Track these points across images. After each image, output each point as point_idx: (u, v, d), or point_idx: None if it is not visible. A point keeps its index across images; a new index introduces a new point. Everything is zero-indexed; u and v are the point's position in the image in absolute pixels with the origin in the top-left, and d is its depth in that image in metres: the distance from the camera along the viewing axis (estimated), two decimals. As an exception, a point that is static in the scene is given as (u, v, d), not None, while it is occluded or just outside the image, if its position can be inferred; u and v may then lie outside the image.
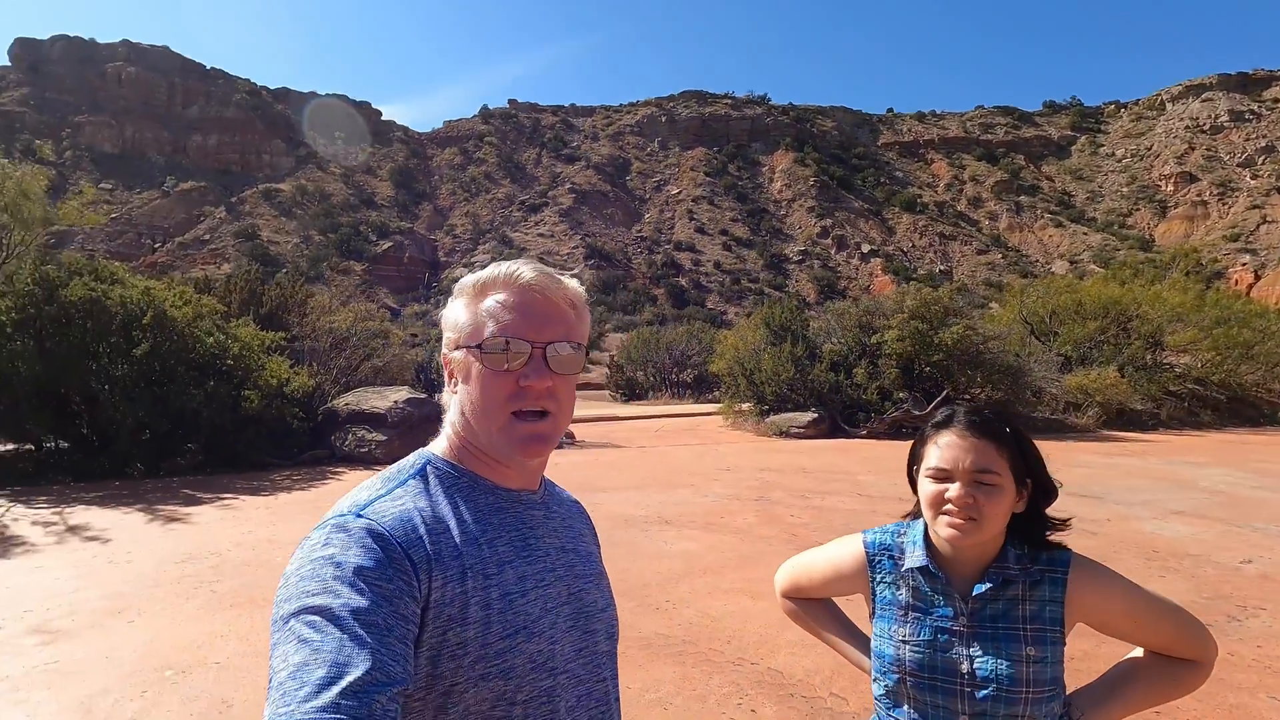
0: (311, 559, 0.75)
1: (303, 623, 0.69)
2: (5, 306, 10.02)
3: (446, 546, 0.81)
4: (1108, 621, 1.21)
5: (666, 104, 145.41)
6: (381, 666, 0.68)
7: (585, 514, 1.15)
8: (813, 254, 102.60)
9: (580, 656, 0.91)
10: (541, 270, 0.93)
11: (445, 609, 0.78)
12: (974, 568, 1.23)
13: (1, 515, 7.87)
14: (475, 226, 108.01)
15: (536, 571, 0.90)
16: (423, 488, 0.88)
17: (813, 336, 17.04)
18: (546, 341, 0.89)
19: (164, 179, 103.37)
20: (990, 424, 1.21)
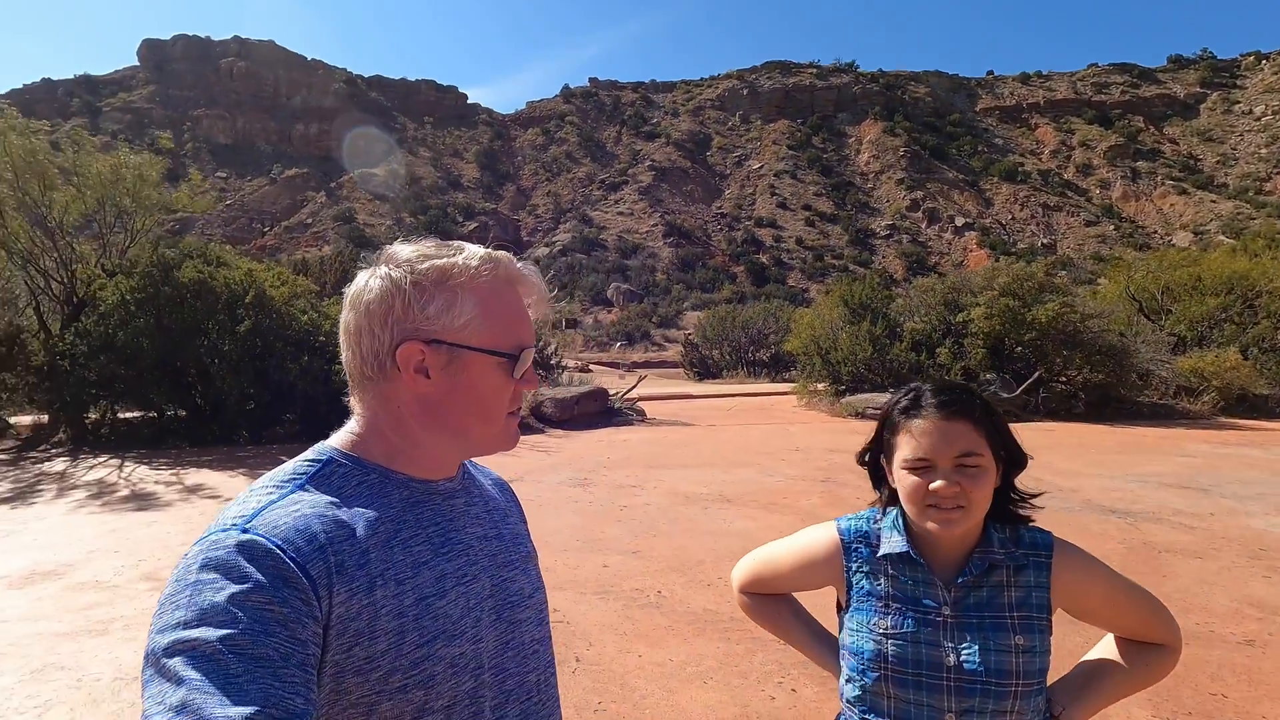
0: (189, 583, 0.66)
1: (181, 659, 0.61)
2: (130, 287, 11.06)
3: (351, 555, 0.73)
4: (1086, 606, 1.16)
5: (748, 76, 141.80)
6: (277, 702, 0.61)
7: (510, 491, 1.09)
8: (901, 228, 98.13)
9: (508, 650, 0.86)
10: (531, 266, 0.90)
11: (351, 624, 0.71)
12: (957, 553, 1.17)
13: (126, 474, 8.78)
14: (556, 206, 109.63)
15: (457, 568, 0.83)
16: (323, 489, 0.78)
17: (894, 314, 16.39)
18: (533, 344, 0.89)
19: (271, 167, 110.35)
20: (962, 402, 1.14)
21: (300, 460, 0.82)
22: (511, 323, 0.85)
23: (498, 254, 0.87)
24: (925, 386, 1.18)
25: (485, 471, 1.06)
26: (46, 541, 5.75)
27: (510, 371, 0.84)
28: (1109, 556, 4.95)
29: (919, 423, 1.13)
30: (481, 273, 0.84)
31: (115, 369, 10.87)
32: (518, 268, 0.88)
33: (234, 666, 0.61)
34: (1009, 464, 1.18)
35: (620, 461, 9.22)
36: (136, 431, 11.55)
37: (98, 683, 3.28)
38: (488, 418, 0.85)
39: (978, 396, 1.16)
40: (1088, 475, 8.05)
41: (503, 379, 0.84)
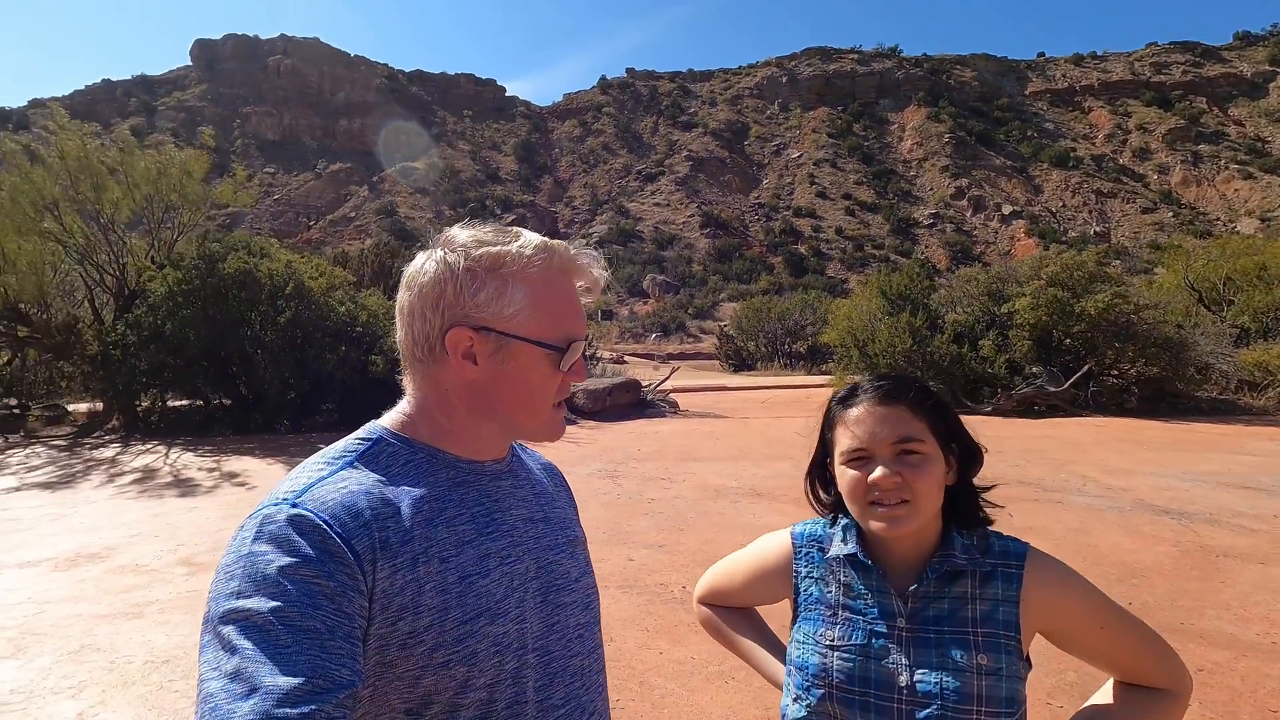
0: (243, 555, 0.69)
1: (234, 627, 0.64)
2: (177, 279, 11.41)
3: (396, 532, 0.75)
4: (1068, 630, 1.02)
5: (787, 63, 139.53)
6: (324, 673, 0.64)
7: (560, 476, 1.09)
8: (945, 217, 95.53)
9: (552, 632, 0.86)
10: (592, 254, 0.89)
11: (395, 599, 0.73)
12: (914, 558, 1.05)
13: (171, 460, 9.07)
14: (593, 197, 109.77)
15: (501, 548, 0.84)
16: (371, 467, 0.81)
17: (935, 306, 15.93)
18: (585, 335, 0.88)
19: (316, 162, 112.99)
20: (900, 388, 1.04)
21: (351, 438, 0.85)
22: (561, 314, 0.85)
23: (554, 243, 0.86)
24: (865, 380, 1.09)
25: (534, 455, 1.06)
26: (93, 524, 5.96)
27: (557, 364, 0.84)
28: (1161, 560, 4.69)
29: (854, 411, 1.04)
30: (534, 262, 0.83)
31: (164, 358, 11.24)
32: (572, 255, 0.87)
33: (283, 638, 0.64)
34: (963, 459, 1.06)
35: (651, 454, 9.16)
36: (184, 419, 11.95)
37: (130, 665, 3.36)
38: (533, 408, 0.86)
39: (918, 383, 1.06)
40: (1140, 473, 7.69)
41: (549, 370, 0.84)
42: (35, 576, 4.65)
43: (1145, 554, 4.86)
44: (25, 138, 11.66)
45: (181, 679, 3.20)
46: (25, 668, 3.33)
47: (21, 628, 3.81)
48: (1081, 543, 5.14)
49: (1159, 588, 4.20)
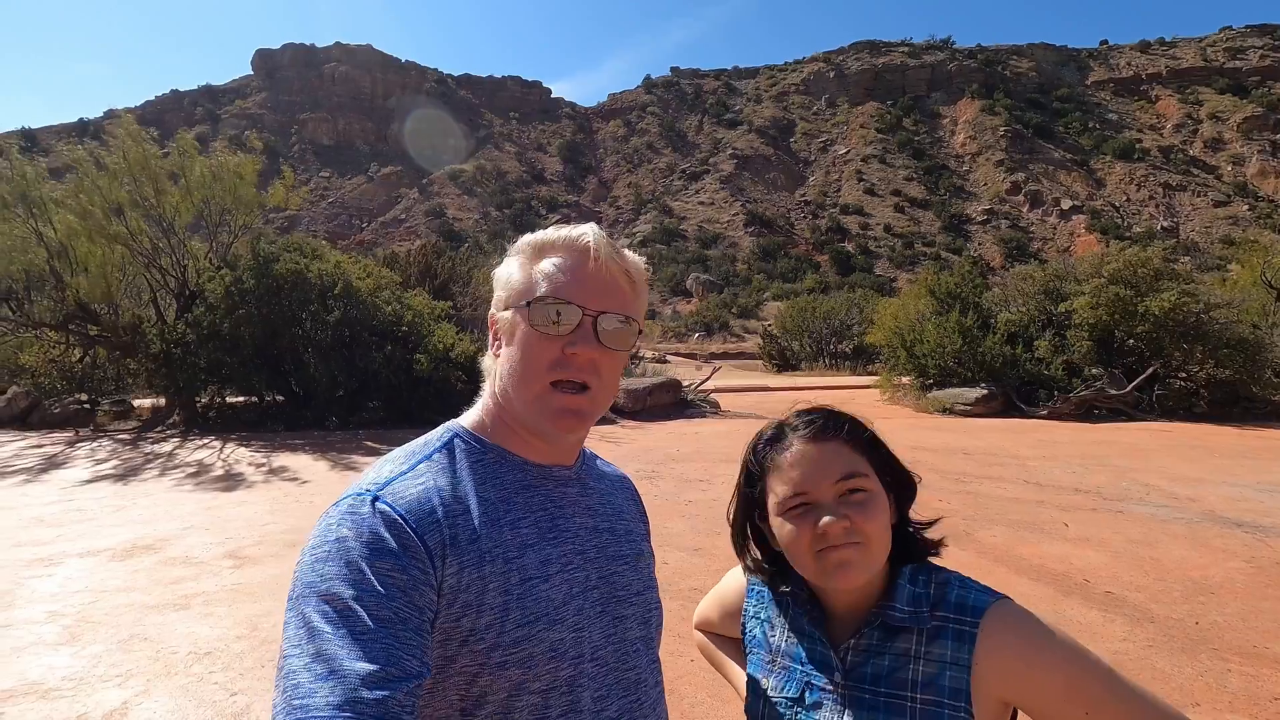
0: (327, 540, 0.73)
1: (315, 610, 0.68)
2: (233, 279, 11.83)
3: (465, 530, 0.78)
4: (1043, 707, 0.83)
5: (834, 58, 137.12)
6: (396, 662, 0.66)
7: (631, 489, 1.07)
8: (1000, 213, 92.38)
9: (610, 643, 0.86)
10: (603, 237, 0.87)
11: (461, 595, 0.75)
12: (857, 605, 0.94)
13: (225, 455, 9.41)
14: (637, 197, 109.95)
15: (562, 554, 0.84)
16: (445, 464, 0.84)
17: (987, 305, 15.38)
18: (599, 310, 0.84)
19: (369, 165, 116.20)
20: (833, 423, 0.94)
21: (431, 434, 0.89)
22: (540, 277, 0.85)
23: (566, 226, 0.88)
24: (788, 418, 0.98)
25: (611, 467, 1.07)
26: (150, 516, 6.20)
27: (527, 319, 0.83)
28: (1232, 576, 4.39)
29: (787, 454, 0.93)
30: (538, 240, 0.88)
31: (221, 356, 11.67)
32: (567, 231, 0.88)
33: (362, 624, 0.67)
34: (898, 492, 0.96)
35: (690, 454, 9.07)
36: (240, 415, 12.40)
37: (174, 656, 3.46)
38: (520, 378, 0.84)
39: (849, 417, 0.96)
40: (1210, 482, 7.24)
41: (531, 333, 0.83)
42: (94, 566, 4.85)
43: (1215, 569, 4.55)
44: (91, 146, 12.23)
45: (221, 671, 3.28)
46: (78, 655, 3.46)
47: (78, 616, 3.97)
48: (1144, 556, 4.85)
49: (1229, 606, 3.92)
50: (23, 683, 3.17)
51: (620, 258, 0.87)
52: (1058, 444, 9.80)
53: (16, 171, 11.87)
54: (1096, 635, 3.58)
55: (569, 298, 0.83)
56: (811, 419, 0.95)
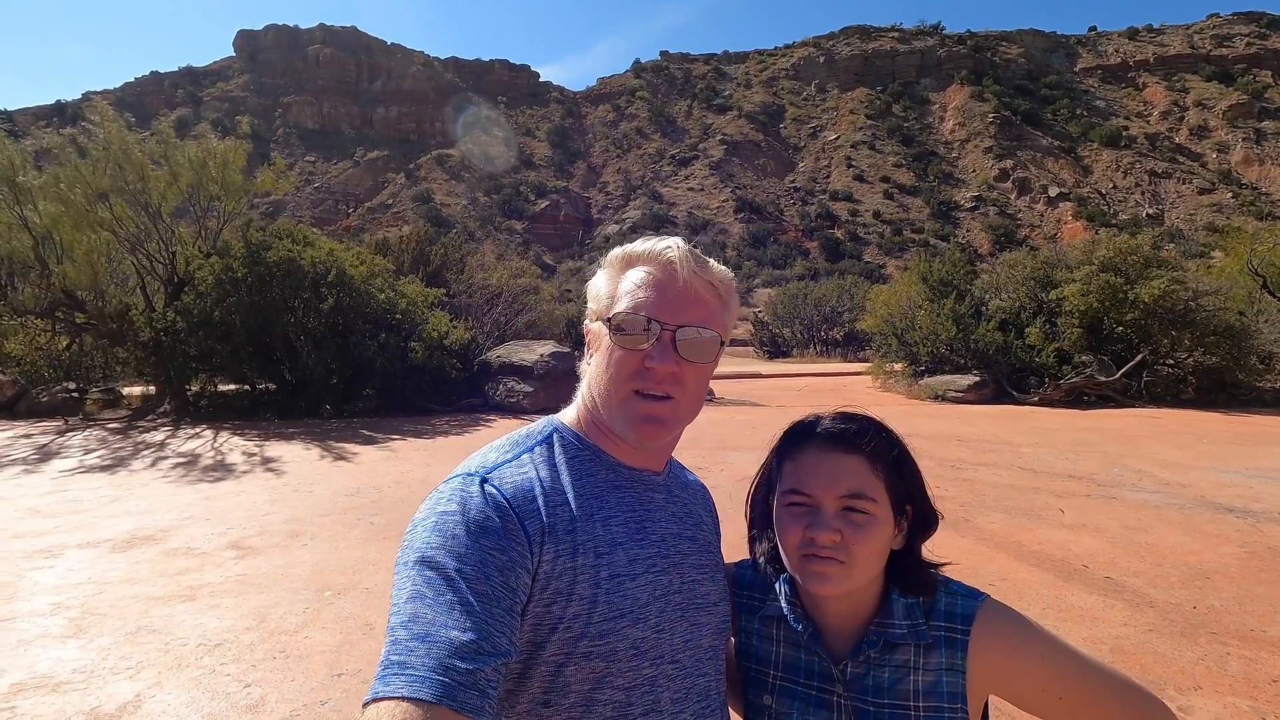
0: (437, 512, 0.77)
1: (422, 574, 0.71)
2: (223, 267, 11.68)
3: (562, 520, 0.81)
4: (1027, 696, 0.89)
5: (825, 43, 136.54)
6: (488, 637, 0.69)
7: (709, 500, 1.10)
8: (988, 200, 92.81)
9: (687, 648, 0.88)
10: (689, 251, 0.89)
11: (554, 582, 0.78)
12: (850, 623, 0.96)
13: (219, 445, 9.33)
14: (626, 183, 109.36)
15: (649, 556, 0.87)
16: (546, 456, 0.87)
17: (978, 292, 15.49)
18: (679, 324, 0.86)
19: (354, 150, 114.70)
20: (861, 432, 0.93)
21: (533, 427, 0.93)
22: (623, 292, 0.88)
23: (655, 239, 0.90)
24: (826, 415, 0.98)
25: (692, 477, 1.10)
26: (148, 507, 6.15)
27: (613, 334, 0.86)
28: (1227, 561, 4.48)
29: (807, 451, 0.94)
30: (623, 254, 0.91)
31: (212, 344, 11.54)
32: (651, 245, 0.89)
33: (459, 595, 0.70)
34: (916, 523, 0.96)
35: (686, 442, 9.00)
36: (232, 403, 12.28)
37: (184, 648, 3.44)
38: (605, 386, 0.88)
39: (884, 431, 0.95)
40: (1199, 468, 7.36)
41: (612, 345, 0.87)
42: (95, 557, 4.81)
43: (1210, 555, 4.64)
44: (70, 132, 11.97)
45: (232, 663, 3.27)
46: (87, 648, 3.44)
47: (83, 608, 3.94)
48: (1140, 541, 4.94)
49: (1225, 591, 4.00)
50: (32, 676, 3.15)
51: (704, 270, 0.89)
52: (1050, 430, 9.92)
53: (1, 156, 11.62)
54: (1098, 620, 3.64)
55: (648, 312, 0.85)
56: (842, 426, 0.94)
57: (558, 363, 12.04)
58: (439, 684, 0.64)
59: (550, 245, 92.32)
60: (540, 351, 12.28)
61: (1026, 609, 3.87)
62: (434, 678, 0.64)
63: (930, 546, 1.06)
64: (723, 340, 0.91)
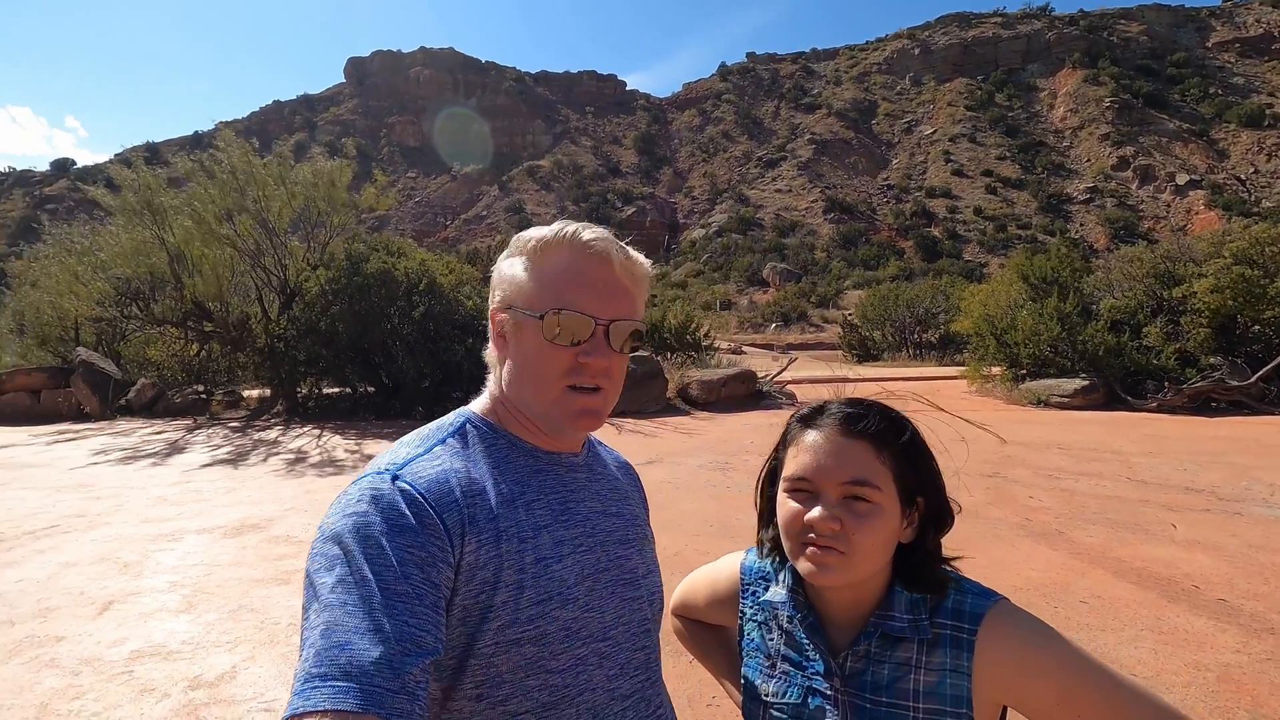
0: (347, 514, 0.74)
1: (335, 580, 0.69)
2: (327, 278, 12.56)
3: (482, 509, 0.79)
4: (1037, 707, 0.82)
5: (920, 34, 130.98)
6: (412, 637, 0.67)
7: (634, 475, 1.10)
8: (1105, 191, 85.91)
9: (619, 624, 0.88)
10: (610, 240, 0.88)
11: (479, 573, 0.76)
12: (853, 612, 0.92)
13: (322, 443, 10.03)
14: (712, 186, 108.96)
15: (574, 536, 0.86)
16: (460, 447, 0.86)
17: (1088, 289, 14.38)
18: (610, 318, 0.86)
19: (451, 165, 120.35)
20: (868, 417, 0.88)
21: (444, 420, 0.91)
22: (557, 285, 0.85)
23: (572, 224, 0.88)
24: (837, 401, 0.94)
25: (613, 454, 1.09)
26: (257, 498, 6.71)
27: (541, 332, 0.84)
28: (1371, 588, 3.95)
29: (812, 436, 0.91)
30: (543, 240, 0.87)
31: (318, 350, 12.43)
32: (581, 235, 0.87)
33: (376, 598, 0.67)
34: (928, 516, 0.90)
35: (764, 447, 8.89)
36: (335, 405, 13.18)
37: (276, 626, 3.74)
38: (534, 382, 0.86)
39: (899, 420, 0.90)
40: (1348, 483, 6.52)
41: (541, 341, 0.85)
42: (209, 542, 5.30)
43: (1351, 580, 4.11)
44: (201, 156, 13.25)
45: (316, 642, 3.52)
46: (195, 622, 3.80)
47: (195, 587, 4.35)
48: (1265, 562, 4.44)
49: (1366, 621, 3.54)
50: (149, 645, 3.51)
51: (628, 260, 0.88)
52: (1166, 439, 9.08)
53: (142, 182, 13.03)
54: (1205, 645, 3.31)
55: (581, 308, 0.84)
56: (849, 410, 0.91)
57: (637, 366, 12.15)
58: (363, 692, 0.62)
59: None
60: (620, 355, 12.44)
61: (1122, 629, 3.57)
62: (357, 686, 0.62)
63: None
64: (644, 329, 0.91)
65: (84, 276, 13.46)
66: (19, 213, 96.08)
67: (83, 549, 5.09)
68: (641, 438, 9.70)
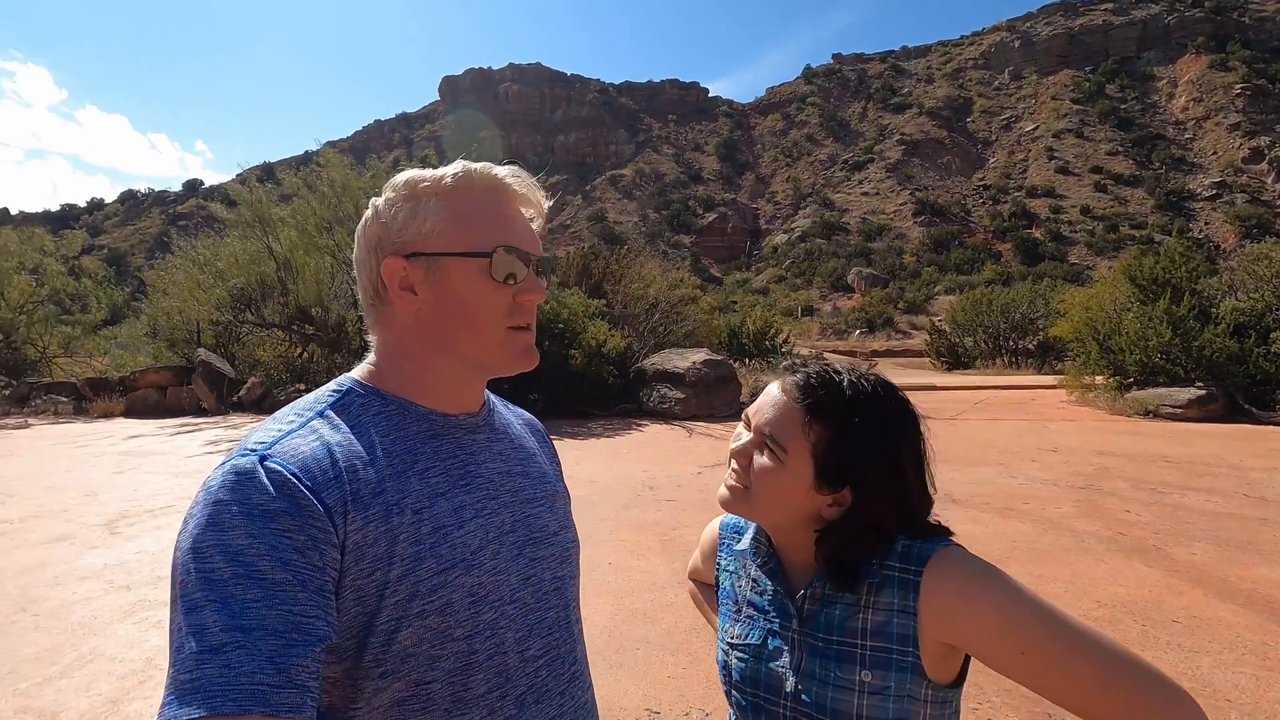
0: (211, 504, 0.68)
1: (203, 578, 0.63)
2: (416, 284, 13.26)
3: (367, 484, 0.74)
4: (984, 649, 0.82)
5: (1020, 25, 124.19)
6: (295, 625, 0.63)
7: (541, 430, 1.07)
8: (1235, 185, 78.42)
9: (528, 585, 0.84)
10: (526, 178, 0.87)
11: (369, 550, 0.71)
12: (804, 558, 0.95)
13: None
14: (795, 191, 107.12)
15: (476, 500, 0.82)
16: (341, 419, 0.79)
17: (1207, 291, 13.18)
18: (538, 255, 0.85)
19: (537, 176, 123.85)
20: (817, 388, 0.89)
21: (321, 391, 0.84)
22: (488, 223, 0.82)
23: (474, 164, 0.85)
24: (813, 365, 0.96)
25: (517, 411, 1.06)
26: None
27: (489, 272, 0.81)
28: None
29: (772, 384, 0.97)
30: (450, 179, 0.83)
31: (406, 352, 13.12)
32: (495, 172, 0.85)
33: (252, 591, 0.63)
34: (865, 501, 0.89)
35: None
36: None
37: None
38: (477, 328, 0.82)
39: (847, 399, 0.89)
40: None
41: (485, 283, 0.81)
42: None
43: None
44: (306, 173, 14.31)
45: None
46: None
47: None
48: (1403, 589, 3.95)
49: None
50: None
51: (537, 193, 0.89)
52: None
53: (255, 197, 14.21)
54: (1318, 674, 2.99)
55: (521, 245, 0.83)
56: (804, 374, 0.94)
57: (710, 370, 12.12)
58: (243, 692, 0.59)
59: (718, 258, 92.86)
60: (693, 359, 12.43)
61: (1221, 652, 3.28)
62: (236, 688, 0.58)
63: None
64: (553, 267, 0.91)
65: (205, 284, 14.78)
66: (156, 229, 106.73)
67: (192, 527, 5.60)
68: (712, 441, 9.66)
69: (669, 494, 6.48)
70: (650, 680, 3.03)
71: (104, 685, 3.01)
